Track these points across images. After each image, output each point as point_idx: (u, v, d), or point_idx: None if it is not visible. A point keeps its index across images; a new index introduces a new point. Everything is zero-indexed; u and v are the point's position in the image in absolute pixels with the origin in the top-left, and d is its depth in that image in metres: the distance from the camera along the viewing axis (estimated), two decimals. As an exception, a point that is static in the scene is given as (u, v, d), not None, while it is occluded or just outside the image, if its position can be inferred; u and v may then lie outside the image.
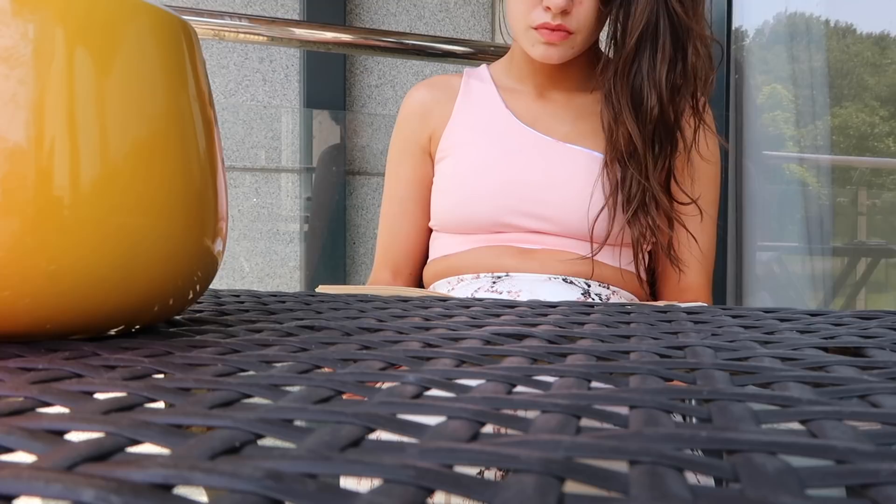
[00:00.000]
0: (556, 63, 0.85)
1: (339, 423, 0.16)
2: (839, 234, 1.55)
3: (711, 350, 0.27)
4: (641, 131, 0.80)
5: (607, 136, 0.84)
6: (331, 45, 1.34)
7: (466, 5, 1.87)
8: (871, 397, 0.19)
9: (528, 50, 0.85)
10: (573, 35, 0.82)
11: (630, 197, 0.81)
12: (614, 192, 0.82)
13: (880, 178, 1.62)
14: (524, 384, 0.21)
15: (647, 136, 0.80)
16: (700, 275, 0.89)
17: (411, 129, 0.97)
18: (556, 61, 0.84)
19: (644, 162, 0.80)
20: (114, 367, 0.23)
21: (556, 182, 0.86)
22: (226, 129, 1.67)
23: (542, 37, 0.82)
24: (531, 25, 0.82)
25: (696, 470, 0.13)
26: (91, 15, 0.26)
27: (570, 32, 0.81)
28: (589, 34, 0.83)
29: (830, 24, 1.53)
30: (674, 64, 0.79)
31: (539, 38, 0.82)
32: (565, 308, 0.42)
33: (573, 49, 0.84)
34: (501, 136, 0.91)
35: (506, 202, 0.86)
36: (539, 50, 0.83)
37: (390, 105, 1.83)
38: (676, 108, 0.80)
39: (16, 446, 0.15)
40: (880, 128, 1.52)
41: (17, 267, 0.25)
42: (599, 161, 0.86)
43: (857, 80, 1.55)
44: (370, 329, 0.32)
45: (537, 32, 0.82)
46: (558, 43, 0.82)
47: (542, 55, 0.83)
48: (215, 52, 1.71)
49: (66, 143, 0.25)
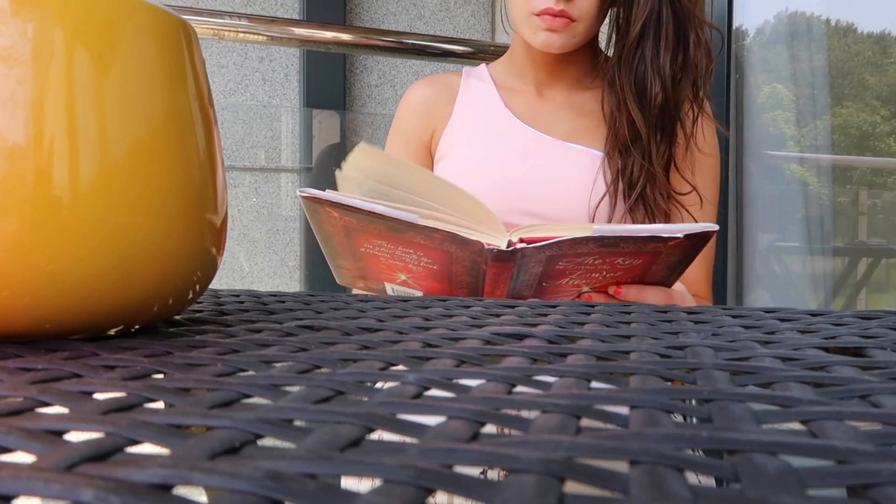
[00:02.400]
0: (557, 52, 0.85)
1: (339, 423, 0.16)
2: (840, 234, 1.55)
3: (712, 350, 0.27)
4: (645, 117, 0.81)
5: (609, 124, 0.85)
6: (331, 44, 1.34)
7: (466, 5, 1.87)
8: (872, 397, 0.19)
9: (530, 38, 0.85)
10: (575, 23, 0.82)
11: (632, 183, 0.82)
12: (615, 180, 0.83)
13: (881, 177, 1.62)
14: (524, 384, 0.21)
15: (651, 123, 0.81)
16: (700, 269, 0.90)
17: (413, 125, 0.97)
18: (556, 50, 0.85)
19: (647, 148, 0.81)
20: (113, 367, 0.23)
21: (557, 180, 0.86)
22: (226, 129, 1.67)
23: (545, 23, 0.82)
24: (533, 11, 0.82)
25: (696, 470, 0.13)
26: (90, 14, 0.26)
27: (573, 20, 0.82)
28: (590, 23, 0.83)
29: (831, 23, 1.53)
30: (676, 53, 0.80)
31: (541, 24, 0.83)
32: (565, 308, 0.42)
33: (575, 38, 0.84)
34: (501, 135, 0.91)
35: (506, 200, 0.86)
36: (541, 37, 0.84)
37: (390, 104, 1.83)
38: (678, 96, 0.81)
39: (15, 446, 0.15)
40: (881, 127, 1.51)
41: (17, 267, 0.25)
42: (599, 159, 0.86)
43: (858, 79, 1.55)
44: (370, 329, 0.32)
45: (539, 19, 0.82)
46: (560, 30, 0.82)
47: (543, 43, 0.84)
48: (215, 52, 1.71)
49: (65, 142, 0.25)
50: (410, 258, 0.61)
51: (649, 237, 0.54)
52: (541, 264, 0.57)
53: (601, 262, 0.58)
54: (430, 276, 0.63)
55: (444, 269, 0.61)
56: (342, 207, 0.56)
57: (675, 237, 0.54)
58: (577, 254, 0.57)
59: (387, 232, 0.57)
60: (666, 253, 0.57)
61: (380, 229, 0.57)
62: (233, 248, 1.69)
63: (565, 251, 0.56)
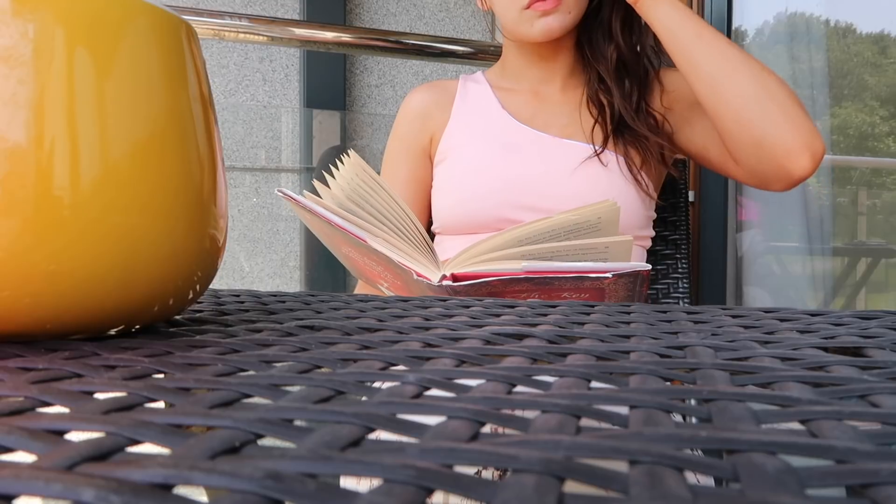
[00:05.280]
0: (559, 34, 0.88)
1: (339, 422, 0.16)
2: (839, 234, 1.55)
3: (711, 350, 0.27)
4: (608, 69, 0.91)
5: (586, 82, 0.95)
6: (331, 44, 1.34)
7: (466, 5, 1.87)
8: (871, 397, 0.19)
9: (528, 32, 0.86)
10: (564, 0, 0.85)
11: (613, 115, 0.90)
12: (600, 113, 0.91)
13: (880, 178, 1.62)
14: (524, 384, 0.21)
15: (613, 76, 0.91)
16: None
17: (411, 130, 0.98)
18: (558, 32, 0.87)
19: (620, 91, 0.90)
20: (114, 366, 0.23)
21: (557, 177, 0.87)
22: (226, 129, 1.67)
23: (537, 10, 0.85)
24: (523, 6, 0.85)
25: (696, 470, 0.13)
26: (91, 15, 0.26)
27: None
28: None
29: (830, 23, 1.53)
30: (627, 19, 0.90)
31: (534, 14, 0.85)
32: (565, 308, 0.42)
33: (570, 14, 0.87)
34: (500, 135, 0.91)
35: (507, 198, 0.86)
36: (538, 26, 0.85)
37: (390, 105, 1.83)
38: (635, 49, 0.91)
39: (16, 446, 0.15)
40: (880, 128, 1.51)
41: (17, 267, 0.25)
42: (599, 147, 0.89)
43: (857, 79, 1.55)
44: (370, 329, 0.32)
45: (531, 10, 0.85)
46: (553, 10, 0.85)
47: (542, 30, 0.86)
48: (215, 52, 1.71)
49: (65, 143, 0.25)
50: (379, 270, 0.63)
51: (579, 276, 0.54)
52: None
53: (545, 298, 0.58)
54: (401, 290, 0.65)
55: (405, 286, 0.63)
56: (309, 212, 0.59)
57: (606, 276, 0.53)
58: (515, 291, 0.57)
59: (351, 243, 0.60)
60: (609, 291, 0.56)
61: (345, 239, 0.60)
62: (233, 248, 1.69)
63: (501, 290, 0.56)
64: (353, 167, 0.63)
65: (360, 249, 0.61)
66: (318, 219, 0.61)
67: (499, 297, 0.57)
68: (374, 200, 0.62)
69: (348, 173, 0.64)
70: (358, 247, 0.61)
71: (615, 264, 0.54)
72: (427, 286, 0.58)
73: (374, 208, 0.61)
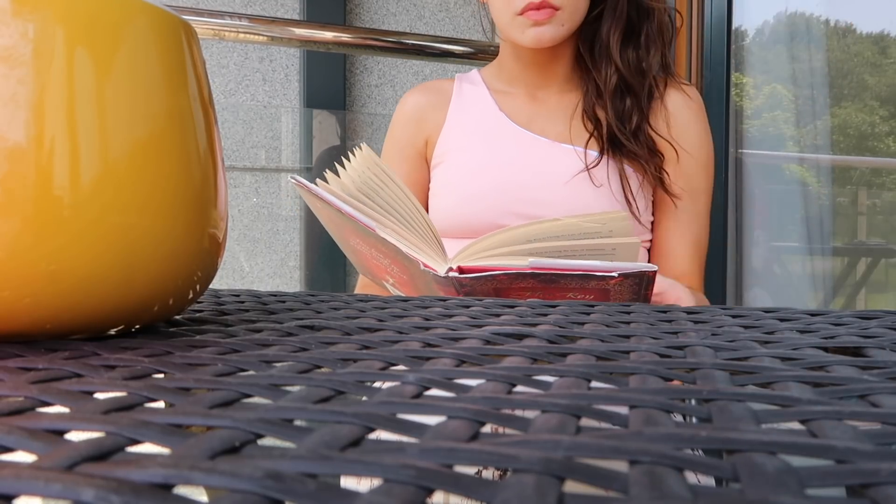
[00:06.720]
0: (549, 45, 0.86)
1: (339, 422, 0.16)
2: (839, 234, 1.55)
3: (711, 350, 0.27)
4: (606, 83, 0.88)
5: (584, 92, 0.92)
6: (331, 44, 1.34)
7: (466, 5, 1.87)
8: (871, 397, 0.19)
9: (519, 39, 0.86)
10: (559, 11, 0.83)
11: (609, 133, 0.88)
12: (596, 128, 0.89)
13: (880, 177, 1.62)
14: (524, 384, 0.21)
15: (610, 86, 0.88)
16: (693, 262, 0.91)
17: (407, 133, 0.97)
18: (548, 43, 0.86)
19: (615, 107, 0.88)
20: (114, 366, 0.23)
21: (552, 182, 0.86)
22: (226, 129, 1.67)
23: (530, 19, 0.83)
24: (516, 12, 0.84)
25: (696, 470, 0.13)
26: (91, 15, 0.26)
27: (555, 8, 0.83)
28: (574, 9, 0.85)
29: (830, 23, 1.53)
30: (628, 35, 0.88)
31: (527, 22, 0.84)
32: (565, 308, 0.42)
33: (563, 27, 0.85)
34: (496, 138, 0.91)
35: (502, 203, 0.86)
36: (530, 35, 0.84)
37: (390, 105, 1.83)
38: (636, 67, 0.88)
39: (16, 446, 0.15)
40: (880, 127, 1.52)
41: (17, 267, 0.25)
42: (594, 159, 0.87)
43: (857, 79, 1.55)
44: (370, 329, 0.32)
45: (524, 17, 0.84)
46: (546, 21, 0.84)
47: (533, 39, 0.85)
48: (215, 52, 1.71)
49: (65, 142, 0.25)
50: (385, 264, 0.64)
51: (586, 275, 0.54)
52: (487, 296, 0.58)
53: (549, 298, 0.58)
54: (406, 285, 0.65)
55: (411, 280, 0.63)
56: (322, 200, 0.60)
57: (612, 276, 0.53)
58: (520, 288, 0.57)
59: (360, 233, 0.60)
60: (614, 293, 0.56)
61: (354, 229, 0.60)
62: (233, 248, 1.69)
63: (506, 285, 0.56)
64: (364, 160, 0.64)
65: (369, 240, 0.61)
66: (328, 208, 0.61)
67: (504, 292, 0.57)
68: (384, 193, 0.62)
69: (360, 166, 0.64)
70: (366, 237, 0.61)
71: (621, 264, 0.53)
72: (433, 278, 0.58)
73: (385, 200, 0.62)
